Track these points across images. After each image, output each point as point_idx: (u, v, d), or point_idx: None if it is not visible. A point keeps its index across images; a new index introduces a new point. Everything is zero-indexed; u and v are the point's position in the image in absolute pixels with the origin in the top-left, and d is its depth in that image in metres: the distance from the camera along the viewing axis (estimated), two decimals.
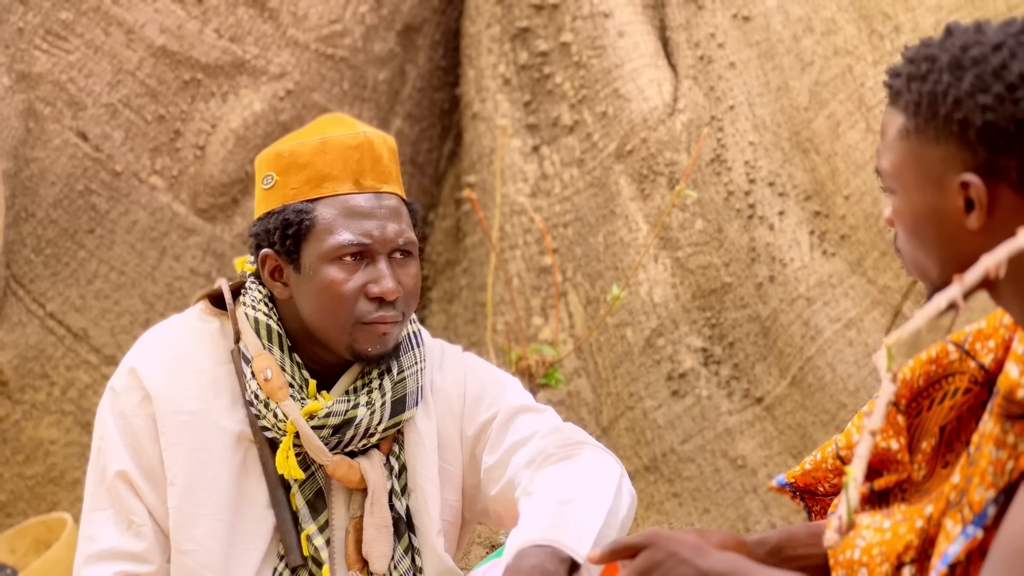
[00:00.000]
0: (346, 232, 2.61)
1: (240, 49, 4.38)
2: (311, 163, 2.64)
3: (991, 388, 2.14)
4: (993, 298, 2.05)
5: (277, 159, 2.68)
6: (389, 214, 2.65)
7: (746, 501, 4.11)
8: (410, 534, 2.70)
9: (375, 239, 2.62)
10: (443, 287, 4.76)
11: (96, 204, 4.25)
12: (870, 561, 2.07)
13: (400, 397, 2.68)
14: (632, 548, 2.09)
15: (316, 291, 2.62)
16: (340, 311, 2.61)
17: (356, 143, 2.66)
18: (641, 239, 4.29)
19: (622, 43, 4.40)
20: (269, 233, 2.66)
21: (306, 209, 2.63)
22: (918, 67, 2.00)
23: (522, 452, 2.67)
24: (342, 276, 2.61)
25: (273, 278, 2.68)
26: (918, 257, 2.05)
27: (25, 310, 4.20)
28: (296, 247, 2.63)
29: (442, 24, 4.77)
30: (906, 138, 2.01)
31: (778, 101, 4.20)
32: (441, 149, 4.85)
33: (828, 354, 4.04)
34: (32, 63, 4.17)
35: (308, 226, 2.62)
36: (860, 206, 4.02)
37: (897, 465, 2.20)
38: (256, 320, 2.68)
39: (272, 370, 2.64)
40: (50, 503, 4.22)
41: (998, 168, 1.95)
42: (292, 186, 2.65)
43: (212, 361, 2.70)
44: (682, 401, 4.20)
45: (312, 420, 2.62)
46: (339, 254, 2.61)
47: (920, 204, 2.01)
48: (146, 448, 2.65)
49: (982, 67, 1.95)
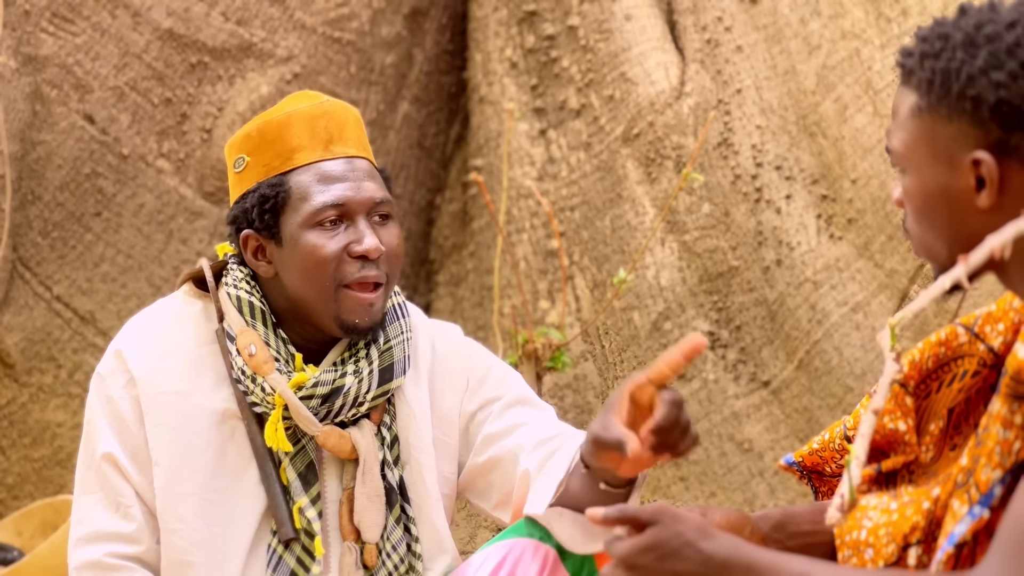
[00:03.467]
0: (321, 196, 2.64)
1: (247, 32, 4.38)
2: (279, 137, 2.67)
3: (1000, 371, 2.14)
4: (1001, 280, 2.05)
5: (246, 140, 2.71)
6: (363, 175, 2.68)
7: (752, 484, 4.12)
8: (403, 504, 2.71)
9: (351, 199, 2.65)
10: (450, 271, 4.76)
11: (103, 187, 4.25)
12: (876, 542, 2.07)
13: (388, 366, 2.70)
14: (637, 520, 2.09)
15: (299, 259, 2.65)
16: (323, 274, 2.63)
17: (321, 112, 2.69)
18: (648, 223, 4.28)
19: (629, 26, 4.39)
20: (247, 212, 2.69)
21: (280, 182, 2.66)
22: (931, 45, 1.99)
23: (528, 432, 2.71)
24: (323, 240, 2.63)
25: (256, 258, 2.70)
26: (927, 237, 2.05)
27: (32, 293, 4.21)
28: (275, 220, 2.66)
29: (449, 7, 4.76)
30: (918, 116, 2.01)
31: (785, 85, 4.19)
32: (448, 133, 4.84)
33: (835, 338, 4.04)
34: (39, 46, 4.17)
35: (284, 197, 2.65)
36: (867, 190, 4.02)
37: (905, 446, 2.20)
38: (239, 298, 2.70)
39: (256, 345, 2.66)
40: (57, 485, 4.23)
41: (1010, 146, 1.94)
42: (263, 163, 2.68)
43: (195, 342, 2.72)
44: (689, 385, 4.20)
45: (300, 391, 2.64)
46: (318, 219, 2.63)
47: (931, 182, 2.01)
48: (132, 430, 2.67)
49: (996, 44, 1.94)
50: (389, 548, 2.70)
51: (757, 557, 2.01)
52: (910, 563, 2.03)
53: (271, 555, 2.65)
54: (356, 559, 2.67)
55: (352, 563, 2.67)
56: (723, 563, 2.02)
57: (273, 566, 2.65)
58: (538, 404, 2.80)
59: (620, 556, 2.07)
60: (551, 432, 2.69)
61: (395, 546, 2.70)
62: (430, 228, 4.81)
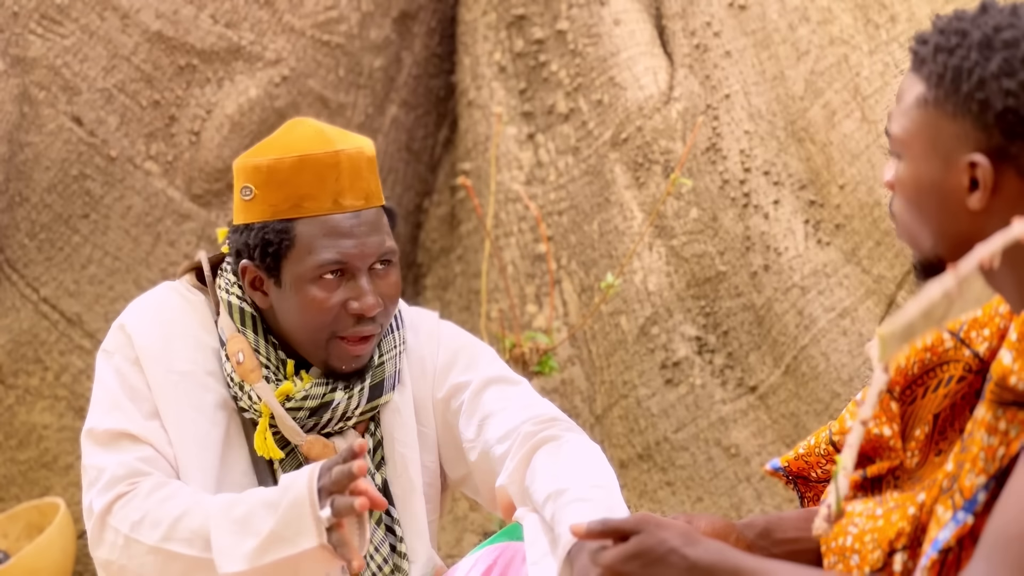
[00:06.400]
0: (326, 252, 2.64)
1: (236, 35, 4.37)
2: (289, 181, 2.66)
3: (985, 376, 2.14)
4: (989, 283, 2.05)
5: (256, 172, 2.69)
6: (368, 230, 2.68)
7: (739, 490, 4.12)
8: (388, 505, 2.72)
9: (355, 257, 2.66)
10: (437, 274, 4.76)
11: (91, 189, 4.24)
12: (862, 548, 2.07)
13: (378, 382, 2.73)
14: (621, 531, 2.09)
15: (297, 308, 2.67)
16: (319, 325, 2.66)
17: (334, 162, 2.67)
18: (636, 227, 4.28)
19: (618, 31, 4.40)
20: (249, 248, 2.69)
21: (286, 229, 2.66)
22: (947, 39, 1.99)
23: (495, 424, 2.72)
24: (323, 295, 2.65)
25: (253, 287, 2.71)
26: (913, 226, 2.05)
27: (19, 295, 4.20)
28: (276, 264, 2.67)
29: (438, 11, 4.76)
30: (923, 107, 2.00)
31: (773, 90, 4.19)
32: (436, 136, 4.84)
33: (822, 343, 4.04)
34: (27, 47, 4.16)
35: (288, 245, 2.66)
36: (855, 195, 4.02)
37: (890, 452, 2.20)
38: (230, 304, 2.72)
39: (244, 353, 2.67)
40: (43, 488, 4.22)
41: (1009, 154, 1.94)
42: (271, 203, 2.67)
43: (200, 328, 2.74)
44: (676, 390, 4.20)
45: (289, 402, 2.66)
46: (319, 273, 2.65)
47: (925, 175, 2.01)
48: (146, 397, 2.66)
49: (1012, 51, 1.94)
50: (372, 549, 2.71)
51: (742, 563, 2.01)
52: (896, 569, 2.03)
53: None
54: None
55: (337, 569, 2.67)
56: (708, 569, 2.02)
57: None
58: (510, 380, 2.80)
59: (606, 564, 2.07)
60: (517, 421, 2.70)
61: (377, 547, 2.71)
62: (418, 232, 4.81)
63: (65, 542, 3.90)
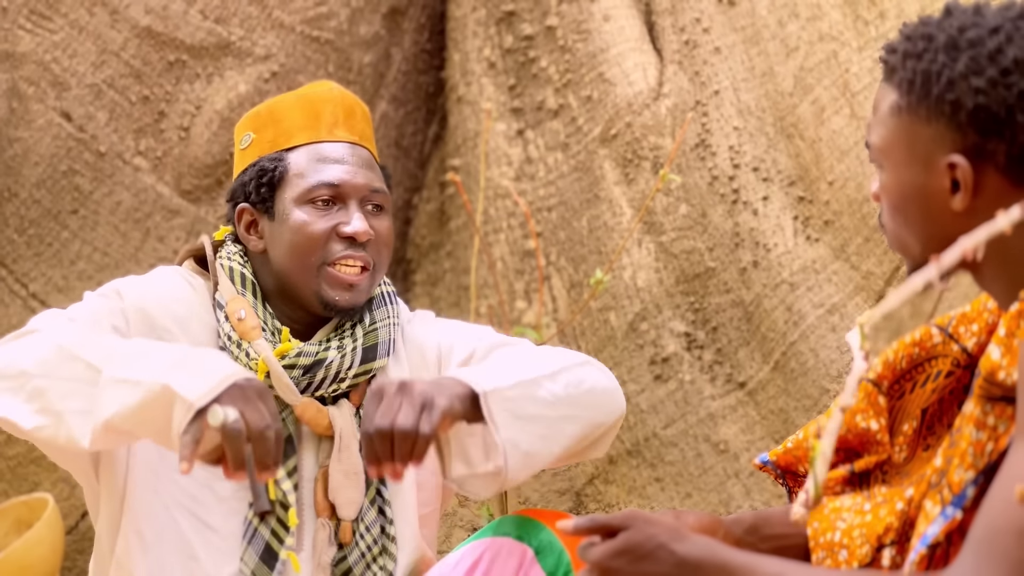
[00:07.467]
0: (317, 174, 2.69)
1: (225, 30, 4.37)
2: (286, 116, 2.73)
3: (973, 372, 2.14)
4: (976, 280, 2.06)
5: (255, 118, 2.77)
6: (361, 163, 2.74)
7: (728, 486, 4.12)
8: (379, 487, 2.73)
9: (346, 182, 2.70)
10: (427, 270, 4.76)
11: (80, 185, 4.24)
12: (850, 543, 2.07)
13: (371, 345, 2.73)
14: (609, 528, 2.09)
15: (288, 233, 2.69)
16: (309, 250, 2.68)
17: (331, 96, 2.74)
18: (625, 223, 4.29)
19: (607, 27, 4.40)
20: (245, 186, 2.74)
21: (280, 157, 2.72)
22: (914, 45, 2.00)
23: None
24: (313, 217, 2.68)
25: (248, 232, 2.74)
26: (901, 233, 2.06)
27: (8, 290, 4.19)
28: (271, 194, 2.71)
29: (427, 7, 4.76)
30: (898, 115, 2.01)
31: (763, 86, 4.20)
32: (426, 132, 4.84)
33: (811, 339, 4.05)
34: (16, 42, 4.16)
35: (282, 172, 2.70)
36: (844, 192, 4.03)
37: (877, 446, 2.20)
38: (231, 269, 2.73)
39: (246, 310, 2.68)
40: (31, 483, 4.21)
41: (986, 151, 1.95)
42: (267, 139, 2.73)
43: (194, 302, 2.73)
44: (665, 386, 4.20)
45: (283, 360, 2.66)
46: (310, 196, 2.68)
47: (907, 181, 2.02)
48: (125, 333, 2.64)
49: (978, 49, 1.95)
50: (363, 528, 2.71)
51: (731, 558, 2.02)
52: (884, 564, 2.03)
53: (247, 527, 2.66)
54: (329, 535, 2.68)
55: (325, 539, 2.68)
56: (696, 564, 2.02)
57: (248, 538, 2.65)
58: (512, 341, 2.82)
59: (594, 561, 2.08)
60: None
61: (369, 527, 2.71)
62: (407, 228, 4.81)
63: (54, 538, 3.89)
